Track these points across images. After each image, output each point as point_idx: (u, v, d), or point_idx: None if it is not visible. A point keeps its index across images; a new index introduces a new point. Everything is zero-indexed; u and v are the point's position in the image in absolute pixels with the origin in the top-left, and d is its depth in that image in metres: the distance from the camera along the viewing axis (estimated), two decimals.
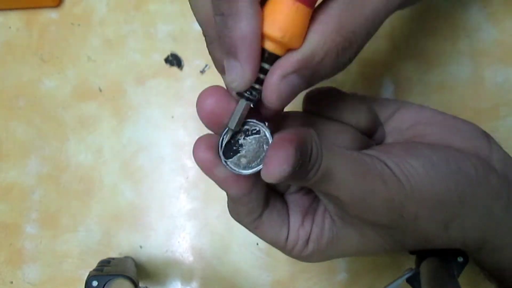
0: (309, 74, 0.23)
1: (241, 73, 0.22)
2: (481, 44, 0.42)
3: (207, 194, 0.42)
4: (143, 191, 0.43)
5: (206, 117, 0.24)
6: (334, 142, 0.27)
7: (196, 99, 0.44)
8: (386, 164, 0.26)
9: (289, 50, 0.23)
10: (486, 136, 0.30)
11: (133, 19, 0.44)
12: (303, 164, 0.23)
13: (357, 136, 0.29)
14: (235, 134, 0.24)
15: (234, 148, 0.24)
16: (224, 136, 0.24)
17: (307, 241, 0.28)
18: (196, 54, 0.44)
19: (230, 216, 0.42)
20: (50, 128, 0.43)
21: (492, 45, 0.42)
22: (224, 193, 0.43)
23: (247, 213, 0.27)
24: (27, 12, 0.45)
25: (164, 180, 0.43)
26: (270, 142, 0.24)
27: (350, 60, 0.25)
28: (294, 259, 0.41)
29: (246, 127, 0.24)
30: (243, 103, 0.23)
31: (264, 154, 0.24)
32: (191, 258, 0.42)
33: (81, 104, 0.44)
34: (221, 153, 0.24)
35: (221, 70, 0.25)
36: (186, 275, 0.42)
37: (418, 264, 0.33)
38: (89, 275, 0.33)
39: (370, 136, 0.30)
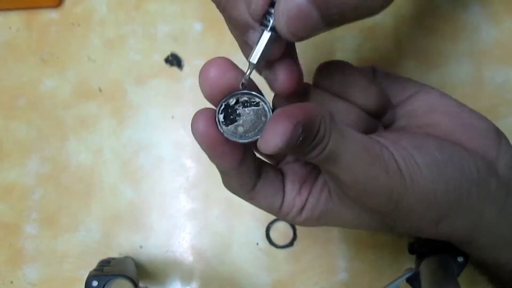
0: (324, 4, 0.21)
1: None
2: (481, 44, 0.42)
3: (207, 194, 0.42)
4: (143, 191, 0.43)
5: (209, 86, 0.24)
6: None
7: (196, 99, 0.45)
8: (393, 156, 0.26)
9: None
10: (499, 136, 0.30)
11: (133, 19, 0.44)
12: (305, 141, 0.23)
13: (363, 117, 0.29)
14: (235, 104, 0.24)
15: (232, 117, 0.24)
16: (226, 101, 0.24)
17: (301, 209, 0.28)
18: (196, 54, 0.44)
19: (230, 216, 0.42)
20: (50, 128, 0.43)
21: (492, 45, 0.42)
22: (224, 194, 0.43)
23: (239, 186, 0.27)
24: (27, 12, 0.45)
25: (164, 180, 0.43)
26: (268, 114, 0.24)
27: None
28: (294, 259, 0.41)
29: (245, 98, 0.24)
30: (266, 34, 0.22)
31: (261, 125, 0.24)
32: (191, 258, 0.42)
33: (81, 104, 0.44)
34: (220, 118, 0.24)
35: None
36: (186, 275, 0.42)
37: (418, 264, 0.33)
38: (89, 275, 0.33)
39: (379, 117, 0.30)
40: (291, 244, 0.42)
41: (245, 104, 0.24)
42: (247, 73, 0.24)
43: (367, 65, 0.31)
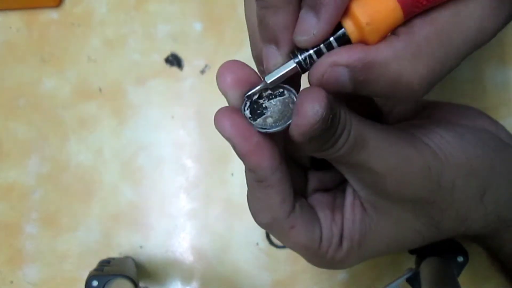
0: (360, 77, 0.21)
1: (316, 27, 0.21)
2: None
3: (207, 194, 0.42)
4: (143, 191, 0.43)
5: (228, 91, 0.23)
6: None
7: (196, 99, 0.45)
8: (414, 135, 0.25)
9: (361, 41, 0.22)
10: (489, 116, 0.31)
11: (133, 19, 0.44)
12: (333, 124, 0.22)
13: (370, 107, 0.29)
14: (258, 99, 0.23)
15: (258, 111, 0.23)
16: (250, 95, 0.23)
17: (340, 238, 0.27)
18: (196, 54, 0.44)
19: (230, 216, 0.42)
20: (50, 128, 0.43)
21: (492, 45, 0.42)
22: (224, 194, 0.43)
23: (281, 202, 0.25)
24: (27, 12, 0.45)
25: (164, 180, 0.43)
26: (296, 100, 0.23)
27: (410, 96, 0.22)
28: (294, 259, 0.41)
29: (268, 91, 0.23)
30: (292, 64, 0.22)
31: (290, 112, 0.23)
32: (191, 258, 0.42)
33: (81, 104, 0.44)
34: (248, 114, 0.23)
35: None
36: (186, 275, 0.42)
37: (418, 264, 0.33)
38: (89, 275, 0.33)
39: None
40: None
41: (270, 97, 0.23)
42: (257, 88, 0.23)
43: None
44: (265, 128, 0.23)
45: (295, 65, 0.22)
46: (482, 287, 0.40)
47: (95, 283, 0.32)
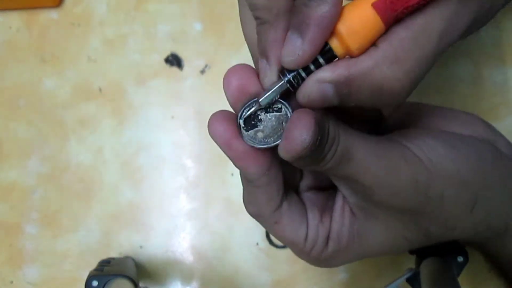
0: (344, 90, 0.22)
1: (301, 48, 0.22)
2: (481, 44, 0.42)
3: (207, 194, 0.42)
4: (143, 191, 0.43)
5: (232, 95, 0.24)
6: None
7: (196, 99, 0.45)
8: (405, 146, 0.25)
9: (347, 55, 0.23)
10: (487, 124, 0.30)
11: (133, 19, 0.44)
12: (321, 144, 0.22)
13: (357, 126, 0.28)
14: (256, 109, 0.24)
15: (253, 122, 0.24)
16: (247, 108, 0.24)
17: (327, 239, 0.27)
18: (196, 54, 0.44)
19: (230, 216, 0.42)
20: (50, 128, 0.43)
21: (492, 45, 0.42)
22: (224, 194, 0.43)
23: (267, 201, 0.26)
24: (27, 12, 0.45)
25: (164, 180, 0.43)
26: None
27: (392, 103, 0.23)
28: (294, 259, 0.41)
29: None
30: (283, 84, 0.23)
31: (282, 131, 0.24)
32: (191, 258, 0.42)
33: (81, 104, 0.44)
34: (241, 123, 0.24)
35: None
36: (186, 275, 0.42)
37: (418, 264, 0.33)
38: (89, 275, 0.33)
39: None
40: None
41: (268, 110, 0.24)
42: (252, 110, 0.24)
43: None
44: (254, 143, 0.24)
45: (285, 84, 0.23)
46: (482, 287, 0.40)
47: (95, 283, 0.32)
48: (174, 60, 0.44)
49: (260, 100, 0.23)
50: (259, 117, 0.24)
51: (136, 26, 0.44)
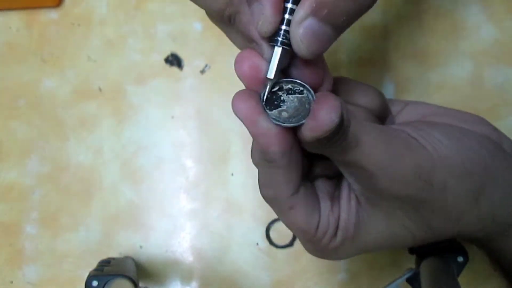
0: (327, 13, 0.22)
1: (263, 13, 0.22)
2: (481, 44, 0.42)
3: (207, 194, 0.42)
4: (143, 191, 0.43)
5: (247, 80, 0.24)
6: None
7: (196, 99, 0.45)
8: (409, 135, 0.26)
9: None
10: (490, 124, 0.31)
11: (133, 19, 0.44)
12: (341, 125, 0.23)
13: (370, 117, 0.29)
14: (278, 90, 0.24)
15: (276, 103, 0.24)
16: (265, 89, 0.24)
17: (336, 229, 0.27)
18: (196, 54, 0.44)
19: (230, 216, 0.42)
20: (50, 128, 0.43)
21: (492, 45, 0.42)
22: (224, 194, 0.43)
23: (286, 183, 0.25)
24: (27, 12, 0.45)
25: (164, 180, 0.43)
26: (312, 102, 0.24)
27: None
28: (294, 259, 0.41)
29: (289, 86, 0.24)
30: (277, 49, 0.23)
31: (305, 112, 0.24)
32: (191, 258, 0.42)
33: (81, 104, 0.44)
34: (263, 103, 0.24)
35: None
36: (186, 275, 0.42)
37: (418, 264, 0.33)
38: (89, 275, 0.33)
39: (382, 119, 0.31)
40: (291, 244, 0.42)
41: (289, 92, 0.24)
42: (267, 89, 0.24)
43: None
44: (278, 121, 0.24)
45: (279, 47, 0.23)
46: (482, 287, 0.40)
47: (95, 283, 0.32)
48: (174, 60, 0.44)
49: (267, 75, 0.24)
50: (282, 98, 0.24)
51: (136, 26, 0.44)
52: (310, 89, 0.24)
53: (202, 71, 0.43)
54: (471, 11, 0.43)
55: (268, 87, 0.24)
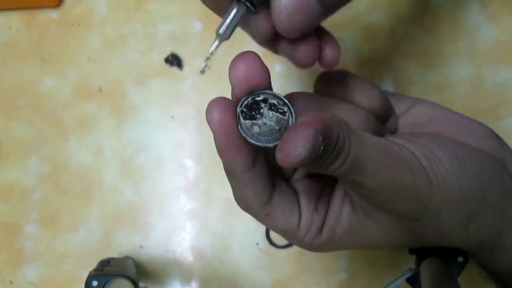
0: None
1: None
2: (481, 44, 0.42)
3: (207, 194, 0.42)
4: (143, 191, 0.43)
5: (238, 82, 0.23)
6: None
7: (196, 99, 0.45)
8: (413, 154, 0.25)
9: None
10: (498, 138, 0.30)
11: (133, 19, 0.44)
12: (327, 150, 0.22)
13: (370, 118, 0.28)
14: (261, 101, 0.23)
15: (253, 113, 0.23)
16: (247, 98, 0.23)
17: (321, 227, 0.27)
18: (196, 54, 0.44)
19: (230, 216, 0.42)
20: (50, 128, 0.43)
21: (492, 45, 0.42)
22: (224, 194, 0.43)
23: (255, 196, 0.25)
24: (27, 12, 0.45)
25: (164, 180, 0.43)
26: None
27: None
28: (294, 259, 0.41)
29: (274, 101, 0.23)
30: (240, 5, 0.22)
31: (277, 135, 0.23)
32: (191, 258, 0.42)
33: (81, 104, 0.44)
34: (239, 111, 0.23)
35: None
36: (186, 275, 0.42)
37: (418, 264, 0.33)
38: (89, 275, 0.33)
39: (384, 120, 0.30)
40: (291, 244, 0.42)
41: (272, 107, 0.23)
42: (214, 46, 0.22)
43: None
44: (246, 134, 0.23)
45: (243, 4, 0.22)
46: (482, 287, 0.40)
47: (95, 283, 0.32)
48: (174, 60, 0.44)
49: (219, 31, 0.22)
50: (261, 110, 0.23)
51: (136, 26, 0.44)
52: (294, 113, 0.23)
53: (202, 71, 0.43)
54: (471, 11, 0.43)
55: (215, 44, 0.22)
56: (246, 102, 0.23)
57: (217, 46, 0.23)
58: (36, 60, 0.44)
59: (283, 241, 0.42)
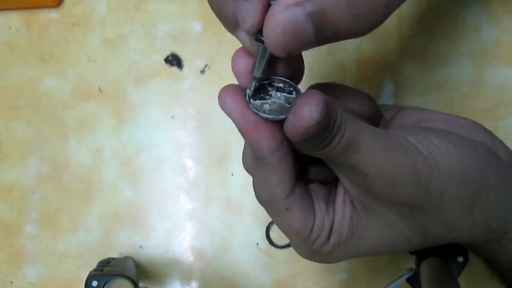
0: (316, 14, 0.21)
1: (249, 9, 0.21)
2: (481, 44, 0.42)
3: (207, 194, 0.42)
4: (143, 191, 0.43)
5: (242, 76, 0.24)
6: None
7: (196, 99, 0.45)
8: (408, 140, 0.25)
9: None
10: (488, 131, 0.31)
11: (133, 19, 0.44)
12: (328, 127, 0.22)
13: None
14: (268, 85, 0.24)
15: (262, 95, 0.24)
16: (252, 85, 0.24)
17: (329, 232, 0.27)
18: (196, 54, 0.44)
19: (230, 216, 0.42)
20: (50, 128, 0.43)
21: (492, 45, 0.42)
22: (224, 194, 0.43)
23: (280, 182, 0.25)
24: (27, 12, 0.45)
25: (164, 180, 0.43)
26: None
27: (372, 23, 0.22)
28: (294, 259, 0.41)
29: (280, 84, 0.24)
30: (262, 47, 0.23)
31: (288, 110, 0.23)
32: (191, 258, 0.42)
33: (81, 104, 0.44)
34: (249, 94, 0.24)
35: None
36: (186, 275, 0.42)
37: (418, 264, 0.33)
38: (89, 275, 0.33)
39: (374, 124, 0.30)
40: (291, 244, 0.42)
41: (278, 89, 0.24)
42: (252, 86, 0.24)
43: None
44: (259, 112, 0.23)
45: (264, 46, 0.23)
46: (482, 287, 0.40)
47: (95, 283, 0.32)
48: (174, 60, 0.44)
49: (253, 73, 0.23)
50: (269, 93, 0.24)
51: (136, 26, 0.44)
52: (300, 91, 0.24)
53: (202, 71, 0.43)
54: (471, 11, 0.43)
55: (253, 84, 0.24)
56: (253, 86, 0.24)
57: (255, 87, 0.24)
58: (36, 60, 0.44)
59: (283, 241, 0.42)
